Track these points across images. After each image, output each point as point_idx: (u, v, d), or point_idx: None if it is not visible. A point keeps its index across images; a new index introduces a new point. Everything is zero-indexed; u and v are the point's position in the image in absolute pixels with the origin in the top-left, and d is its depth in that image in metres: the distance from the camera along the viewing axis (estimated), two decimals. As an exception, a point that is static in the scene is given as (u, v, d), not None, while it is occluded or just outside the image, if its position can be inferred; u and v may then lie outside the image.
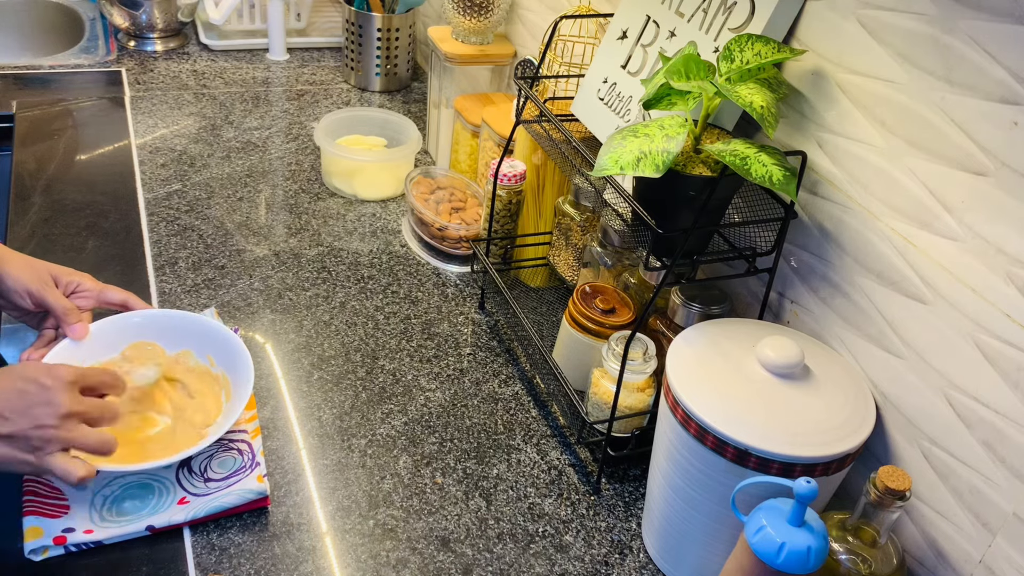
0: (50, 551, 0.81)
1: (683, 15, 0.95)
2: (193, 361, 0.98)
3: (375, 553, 0.87)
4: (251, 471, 0.90)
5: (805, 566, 0.66)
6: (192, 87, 1.67)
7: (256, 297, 1.17)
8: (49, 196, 1.30)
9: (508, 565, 0.87)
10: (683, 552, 0.85)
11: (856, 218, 0.84)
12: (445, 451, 0.99)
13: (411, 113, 1.67)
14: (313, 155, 1.50)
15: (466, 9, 1.39)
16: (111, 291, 0.98)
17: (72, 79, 1.63)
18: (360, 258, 1.28)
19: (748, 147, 0.79)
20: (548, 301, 1.24)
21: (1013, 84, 0.68)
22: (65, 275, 0.96)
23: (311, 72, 1.79)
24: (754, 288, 0.99)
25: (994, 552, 0.74)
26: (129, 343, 0.97)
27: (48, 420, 0.76)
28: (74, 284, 0.96)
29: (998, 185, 0.70)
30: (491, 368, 1.11)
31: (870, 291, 0.84)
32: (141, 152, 1.44)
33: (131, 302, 0.99)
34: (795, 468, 0.74)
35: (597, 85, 1.05)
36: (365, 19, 1.67)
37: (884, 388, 0.83)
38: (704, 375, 0.80)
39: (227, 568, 0.83)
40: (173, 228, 1.28)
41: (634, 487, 0.97)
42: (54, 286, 0.94)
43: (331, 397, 1.04)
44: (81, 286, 0.96)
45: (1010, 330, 0.71)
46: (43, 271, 0.95)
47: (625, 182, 0.93)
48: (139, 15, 1.73)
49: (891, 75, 0.78)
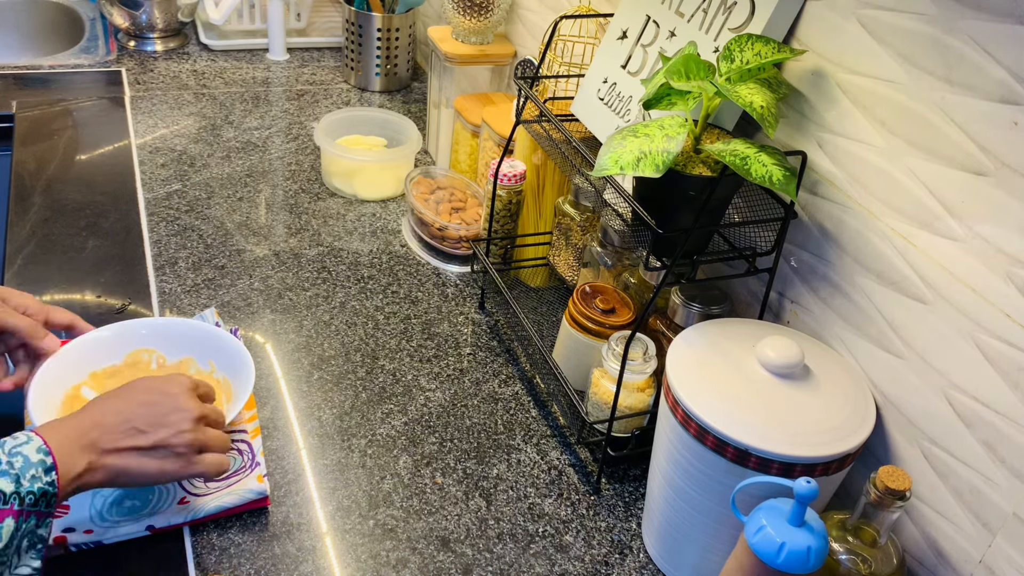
0: (50, 551, 0.81)
1: (683, 15, 0.95)
2: (194, 368, 0.98)
3: (375, 553, 0.87)
4: (251, 471, 0.90)
5: (805, 566, 0.66)
6: (192, 87, 1.67)
7: (256, 297, 1.17)
8: (49, 196, 1.30)
9: (508, 565, 0.87)
10: (683, 552, 0.85)
11: (856, 218, 0.84)
12: (445, 451, 0.99)
13: (411, 113, 1.67)
14: (313, 155, 1.51)
15: (466, 9, 1.39)
16: (56, 312, 0.95)
17: (72, 79, 1.63)
18: (360, 258, 1.28)
19: (748, 147, 0.79)
20: (548, 301, 1.24)
21: (1013, 84, 0.68)
22: (12, 296, 0.93)
23: (311, 72, 1.79)
24: (754, 288, 0.99)
25: (994, 552, 0.74)
26: (130, 351, 0.97)
27: (185, 425, 0.79)
28: (23, 306, 0.93)
29: (998, 185, 0.70)
30: (491, 368, 1.11)
31: (870, 291, 0.84)
32: (141, 152, 1.44)
33: (77, 324, 0.96)
34: (795, 468, 0.74)
35: (597, 85, 1.05)
36: (365, 19, 1.67)
37: (884, 388, 0.83)
38: (704, 375, 0.80)
39: (227, 568, 0.83)
40: (173, 228, 1.28)
41: (634, 487, 0.97)
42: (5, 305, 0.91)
43: (331, 397, 1.04)
44: (29, 309, 0.93)
45: (1010, 330, 0.71)
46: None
47: (625, 182, 0.93)
48: (139, 15, 1.73)
49: (891, 75, 0.78)
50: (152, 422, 0.78)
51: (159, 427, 0.78)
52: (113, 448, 0.76)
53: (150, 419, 0.78)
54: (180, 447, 0.79)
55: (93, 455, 0.74)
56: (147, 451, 0.77)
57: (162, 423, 0.78)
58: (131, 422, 0.77)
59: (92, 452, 0.75)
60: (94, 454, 0.75)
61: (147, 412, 0.78)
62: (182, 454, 0.79)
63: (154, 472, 0.78)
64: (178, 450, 0.78)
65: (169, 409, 0.79)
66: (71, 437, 0.74)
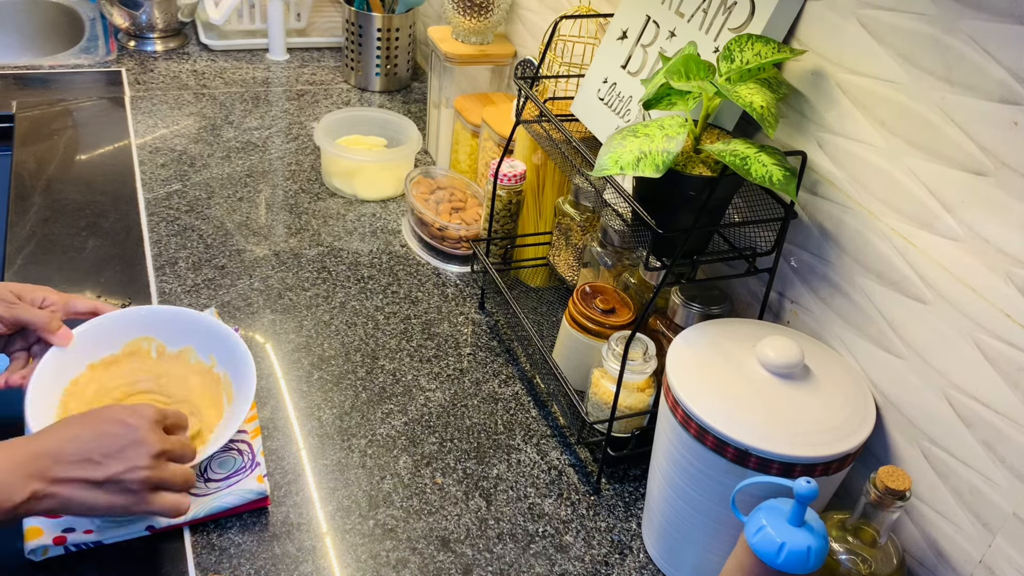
0: (50, 551, 0.81)
1: (683, 15, 0.95)
2: (194, 359, 0.98)
3: (375, 553, 0.87)
4: (251, 471, 0.90)
5: (805, 566, 0.66)
6: (192, 87, 1.67)
7: (256, 297, 1.17)
8: (49, 196, 1.30)
9: (508, 565, 0.87)
10: (683, 552, 0.85)
11: (856, 218, 0.84)
12: (445, 451, 0.99)
13: (411, 113, 1.67)
14: (313, 155, 1.51)
15: (466, 9, 1.39)
16: (77, 300, 0.95)
17: (72, 79, 1.63)
18: (360, 258, 1.28)
19: (748, 147, 0.79)
20: (548, 301, 1.24)
21: (1013, 84, 0.68)
22: (28, 291, 0.93)
23: (311, 72, 1.79)
24: (754, 288, 0.99)
25: (994, 552, 0.74)
26: (130, 339, 0.97)
27: (142, 461, 0.75)
28: (40, 299, 0.93)
29: (998, 185, 0.70)
30: (491, 368, 1.11)
31: (870, 291, 0.84)
32: (141, 152, 1.44)
33: (100, 309, 0.96)
34: (795, 468, 0.74)
35: (597, 85, 1.05)
36: (365, 19, 1.67)
37: (884, 388, 0.83)
38: (704, 375, 0.80)
39: (227, 568, 0.83)
40: (173, 228, 1.28)
41: (634, 487, 0.97)
42: (21, 302, 0.91)
43: (331, 397, 1.04)
44: (47, 300, 0.93)
45: (1010, 330, 0.71)
46: (3, 290, 0.91)
47: (625, 182, 0.93)
48: (139, 15, 1.73)
49: (891, 75, 0.78)
50: (108, 454, 0.74)
51: (114, 461, 0.74)
52: (63, 478, 0.73)
53: (106, 451, 0.74)
54: (133, 483, 0.75)
55: (40, 483, 0.72)
56: (98, 484, 0.74)
57: (118, 456, 0.75)
58: (86, 453, 0.74)
59: (39, 480, 0.72)
60: (41, 482, 0.72)
61: (105, 443, 0.75)
62: (134, 491, 0.75)
63: (102, 507, 0.75)
64: (131, 487, 0.75)
65: (128, 443, 0.75)
66: (19, 462, 0.72)
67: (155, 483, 0.76)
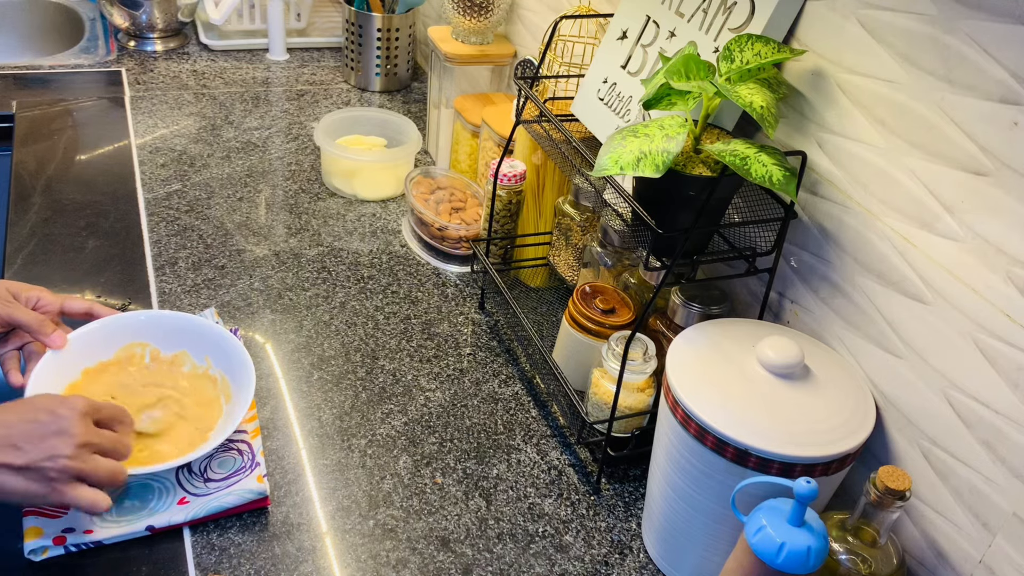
0: (50, 551, 0.81)
1: (683, 15, 0.95)
2: (189, 363, 0.98)
3: (375, 553, 0.87)
4: (251, 471, 0.90)
5: (805, 566, 0.66)
6: (192, 87, 1.67)
7: (256, 297, 1.17)
8: (49, 196, 1.30)
9: (508, 565, 0.87)
10: (683, 552, 0.85)
11: (856, 218, 0.84)
12: (445, 451, 0.99)
13: (411, 113, 1.67)
14: (313, 155, 1.51)
15: (466, 9, 1.39)
16: (72, 301, 0.95)
17: (72, 79, 1.63)
18: (360, 258, 1.28)
19: (748, 147, 0.79)
20: (548, 301, 1.24)
21: (1013, 84, 0.68)
22: (24, 290, 0.93)
23: (311, 72, 1.79)
24: (754, 288, 0.99)
25: (994, 552, 0.74)
26: (123, 344, 0.97)
27: (63, 450, 0.75)
28: (34, 299, 0.93)
29: (998, 185, 0.70)
30: (491, 368, 1.11)
31: (870, 291, 0.84)
32: (141, 152, 1.44)
33: (95, 310, 0.96)
34: (795, 468, 0.74)
35: (597, 85, 1.05)
36: (365, 19, 1.67)
37: (884, 388, 0.83)
38: (704, 375, 0.80)
39: (227, 568, 0.83)
40: (173, 228, 1.28)
41: (634, 487, 0.97)
42: (16, 301, 0.91)
43: (331, 397, 1.04)
44: (41, 300, 0.93)
45: (1010, 330, 0.71)
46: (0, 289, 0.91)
47: (625, 182, 0.93)
48: (139, 15, 1.73)
49: (891, 75, 0.78)
50: (30, 440, 0.74)
51: (36, 448, 0.74)
52: None
53: (29, 438, 0.74)
54: (52, 472, 0.74)
55: None
56: (17, 470, 0.73)
57: (40, 444, 0.74)
58: (9, 438, 0.74)
59: None
60: None
61: (29, 430, 0.75)
62: (52, 479, 0.74)
63: (19, 492, 0.74)
64: (50, 475, 0.74)
65: (52, 431, 0.75)
66: None
67: (75, 473, 0.75)
